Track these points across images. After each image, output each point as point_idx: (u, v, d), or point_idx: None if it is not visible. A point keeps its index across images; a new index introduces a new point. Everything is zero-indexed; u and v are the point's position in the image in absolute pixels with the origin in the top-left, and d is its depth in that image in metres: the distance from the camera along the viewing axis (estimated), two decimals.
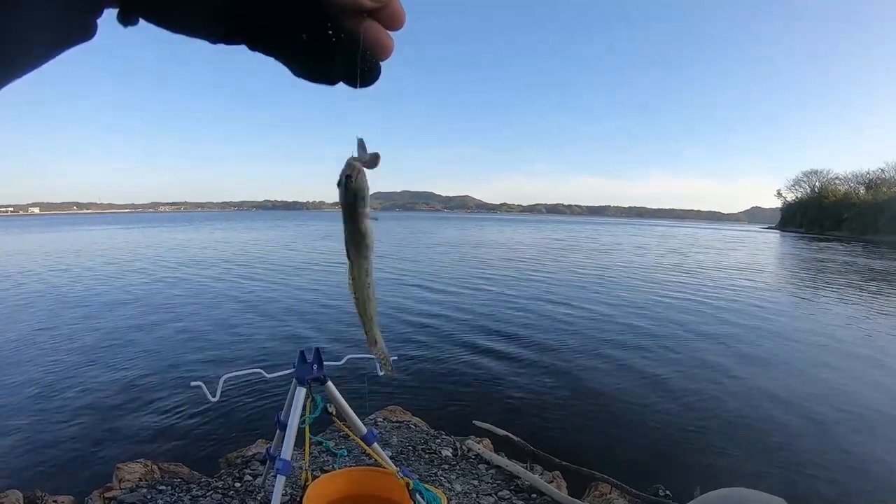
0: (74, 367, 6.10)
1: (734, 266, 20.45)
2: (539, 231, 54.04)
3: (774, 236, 63.41)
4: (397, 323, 8.47)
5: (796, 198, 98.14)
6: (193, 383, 2.03)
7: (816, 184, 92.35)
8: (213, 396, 1.90)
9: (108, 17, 0.29)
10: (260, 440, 3.74)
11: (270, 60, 0.33)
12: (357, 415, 2.15)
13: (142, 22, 0.30)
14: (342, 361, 2.20)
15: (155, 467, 3.22)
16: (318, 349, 2.01)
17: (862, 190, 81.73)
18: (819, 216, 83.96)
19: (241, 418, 4.62)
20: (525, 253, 24.40)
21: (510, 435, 4.00)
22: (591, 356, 6.82)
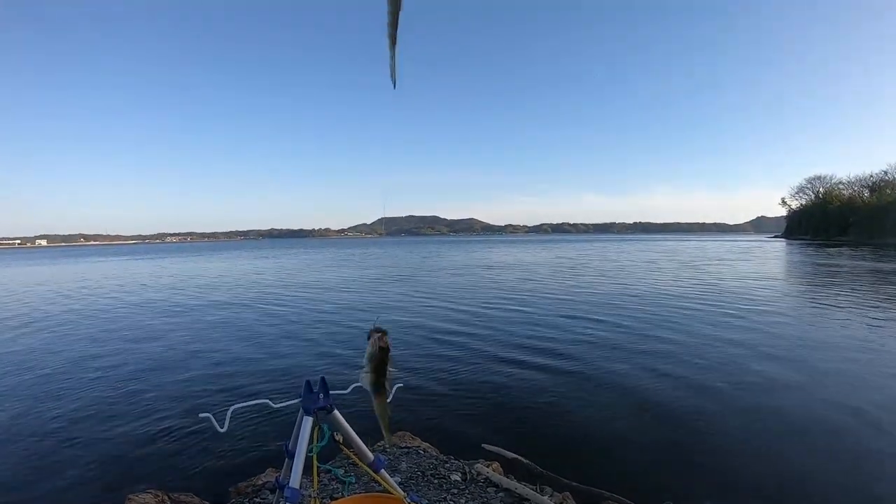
0: (83, 396, 6.15)
1: (747, 277, 20.31)
2: (547, 250, 53.95)
3: (781, 245, 62.92)
4: (406, 348, 8.48)
5: (801, 205, 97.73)
6: (202, 414, 2.05)
7: (820, 190, 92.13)
8: (222, 427, 1.93)
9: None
10: (270, 469, 3.76)
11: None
12: (366, 442, 2.18)
13: None
14: (348, 390, 2.23)
15: (166, 497, 3.24)
16: (323, 378, 2.05)
17: (866, 193, 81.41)
18: (825, 222, 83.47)
19: (250, 447, 4.63)
20: (534, 272, 24.37)
21: (519, 457, 3.99)
22: (601, 374, 6.77)
